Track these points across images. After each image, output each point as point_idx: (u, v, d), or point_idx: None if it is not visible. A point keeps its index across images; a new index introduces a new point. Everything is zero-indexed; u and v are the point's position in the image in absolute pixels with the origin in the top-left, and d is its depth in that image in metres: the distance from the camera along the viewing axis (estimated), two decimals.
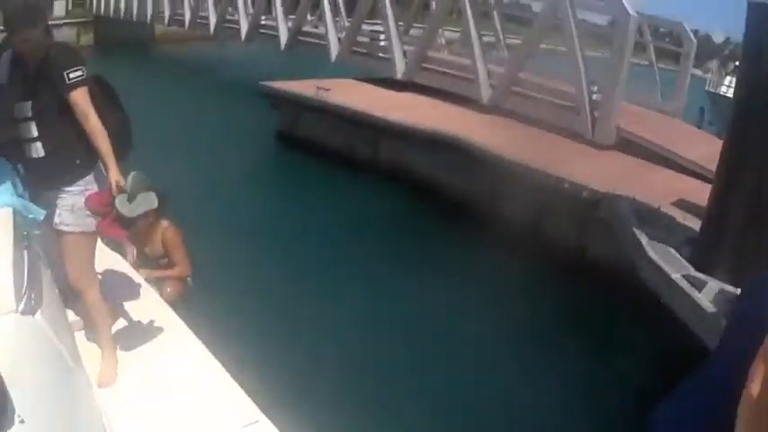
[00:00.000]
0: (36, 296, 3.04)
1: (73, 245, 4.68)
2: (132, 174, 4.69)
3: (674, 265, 8.36)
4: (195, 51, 32.89)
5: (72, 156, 4.59)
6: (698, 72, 33.98)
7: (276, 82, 17.14)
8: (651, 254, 8.67)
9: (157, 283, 6.83)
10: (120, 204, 4.65)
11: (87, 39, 34.43)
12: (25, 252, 3.34)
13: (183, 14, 29.62)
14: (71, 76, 4.41)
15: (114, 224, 4.78)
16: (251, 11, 25.57)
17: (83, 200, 4.62)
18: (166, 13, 30.78)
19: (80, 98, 4.46)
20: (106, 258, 6.07)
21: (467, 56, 17.44)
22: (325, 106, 15.57)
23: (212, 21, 27.50)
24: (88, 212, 4.64)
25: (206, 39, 30.28)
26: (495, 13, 21.77)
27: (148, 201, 4.77)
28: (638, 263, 8.83)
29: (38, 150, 4.49)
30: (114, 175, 4.57)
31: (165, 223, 7.27)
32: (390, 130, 14.39)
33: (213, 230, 9.73)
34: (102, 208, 4.69)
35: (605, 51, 16.10)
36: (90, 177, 4.69)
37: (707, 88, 29.61)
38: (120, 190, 4.59)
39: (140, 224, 5.99)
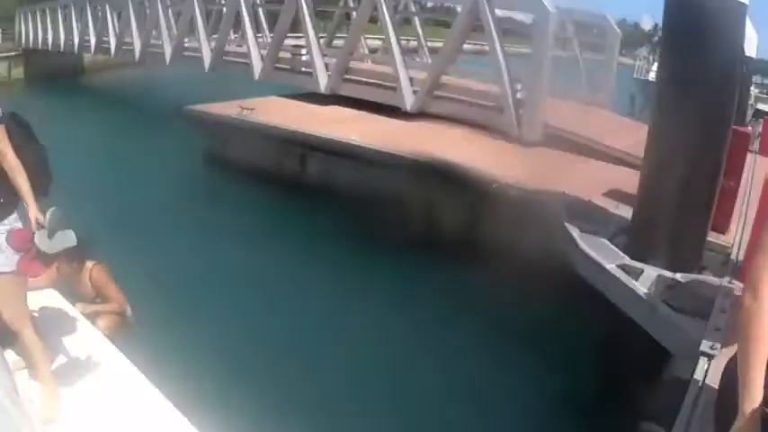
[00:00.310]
0: None
1: (4, 285, 4.60)
2: (51, 210, 4.62)
3: (608, 256, 8.27)
4: (123, 78, 32.63)
5: None
6: (629, 60, 34.47)
7: (201, 105, 16.84)
8: (585, 247, 8.57)
9: (94, 318, 6.63)
10: (40, 241, 4.61)
11: (18, 72, 34.17)
12: None
13: (108, 42, 29.39)
14: None
15: (34, 261, 4.75)
16: (175, 33, 25.32)
17: (11, 241, 4.61)
18: (92, 42, 30.55)
19: None
20: (42, 295, 6.03)
21: (389, 64, 17.38)
22: (248, 126, 15.28)
23: (137, 46, 27.24)
24: (15, 251, 4.59)
25: (134, 65, 29.94)
26: (416, 18, 21.80)
27: (67, 238, 4.71)
28: (572, 257, 8.74)
29: None
30: (33, 211, 4.54)
31: (90, 264, 7.06)
32: (315, 146, 14.24)
33: (146, 260, 9.52)
34: (24, 245, 4.65)
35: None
36: (14, 216, 4.63)
37: (635, 75, 29.98)
38: (40, 227, 4.55)
39: (62, 262, 6.21)
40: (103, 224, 9.68)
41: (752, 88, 18.95)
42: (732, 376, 2.66)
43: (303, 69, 19.63)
